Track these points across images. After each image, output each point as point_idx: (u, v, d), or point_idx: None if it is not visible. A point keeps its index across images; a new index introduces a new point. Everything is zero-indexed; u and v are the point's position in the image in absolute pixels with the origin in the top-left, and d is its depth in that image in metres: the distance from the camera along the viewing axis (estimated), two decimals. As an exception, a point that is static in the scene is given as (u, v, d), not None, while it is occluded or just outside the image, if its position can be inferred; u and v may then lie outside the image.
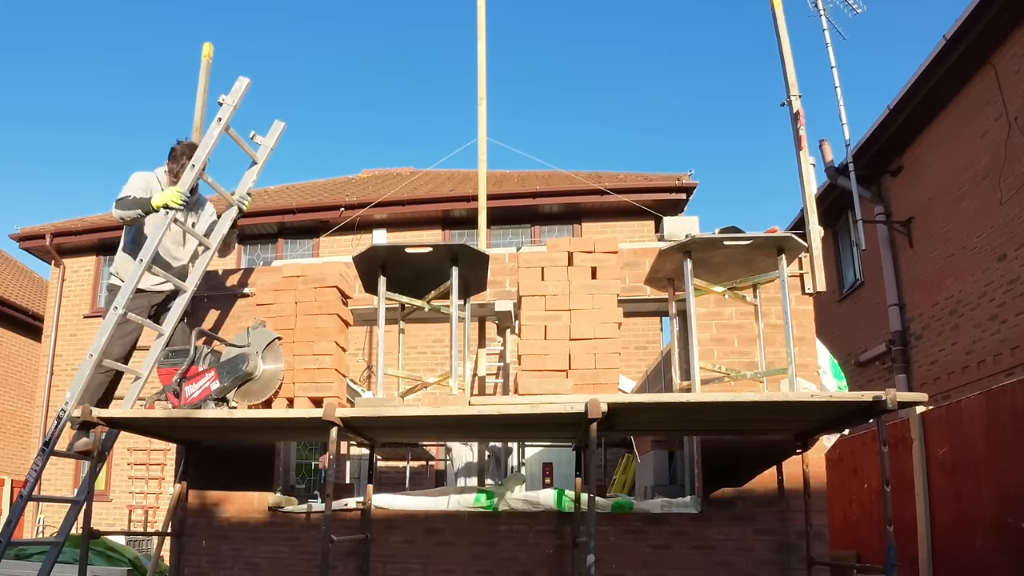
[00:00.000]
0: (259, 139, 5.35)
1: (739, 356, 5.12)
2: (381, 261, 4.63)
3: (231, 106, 4.97)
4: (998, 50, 8.56)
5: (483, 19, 6.68)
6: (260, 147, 5.36)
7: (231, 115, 4.98)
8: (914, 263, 10.68)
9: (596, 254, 4.55)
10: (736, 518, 4.88)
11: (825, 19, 11.68)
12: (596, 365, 4.35)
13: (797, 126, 5.41)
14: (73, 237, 14.18)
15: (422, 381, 5.19)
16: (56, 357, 14.05)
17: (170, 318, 5.00)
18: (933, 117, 9.99)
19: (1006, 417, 5.32)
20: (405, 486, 10.51)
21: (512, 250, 5.84)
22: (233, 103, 4.98)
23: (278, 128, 5.45)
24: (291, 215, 13.41)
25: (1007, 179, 8.50)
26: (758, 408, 4.17)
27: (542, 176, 14.25)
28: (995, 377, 8.18)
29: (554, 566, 4.98)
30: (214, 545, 5.42)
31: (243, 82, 5.05)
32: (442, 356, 12.26)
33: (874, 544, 6.91)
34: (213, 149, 4.97)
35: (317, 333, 4.81)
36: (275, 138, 5.41)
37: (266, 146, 5.38)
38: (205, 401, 4.69)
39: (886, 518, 3.86)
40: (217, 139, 4.95)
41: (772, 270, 4.42)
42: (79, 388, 4.63)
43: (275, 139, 5.41)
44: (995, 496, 5.38)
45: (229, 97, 5.00)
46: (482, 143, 6.52)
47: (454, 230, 13.42)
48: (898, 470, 6.40)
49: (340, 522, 5.11)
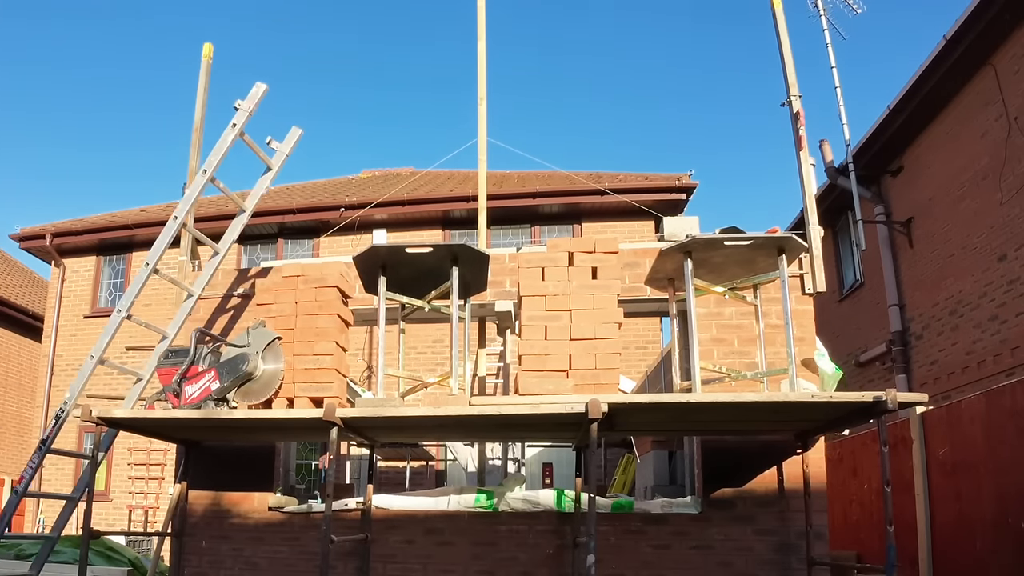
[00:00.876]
0: (275, 145, 5.24)
1: (739, 356, 5.12)
2: (381, 261, 4.63)
3: (247, 112, 4.85)
4: (998, 50, 8.56)
5: (483, 19, 6.69)
6: (276, 153, 5.28)
7: (246, 121, 4.84)
8: (914, 263, 10.68)
9: (596, 254, 4.56)
10: (736, 518, 4.88)
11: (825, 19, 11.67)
12: (596, 365, 4.35)
13: (797, 126, 5.41)
14: (73, 237, 14.18)
15: (422, 381, 5.19)
16: (56, 357, 14.05)
17: (175, 321, 5.00)
18: (933, 117, 9.99)
19: (1006, 417, 5.31)
20: (405, 486, 10.50)
21: (512, 250, 5.85)
22: (249, 109, 4.87)
23: (295, 135, 5.36)
24: (291, 215, 13.41)
25: (1007, 179, 8.50)
26: (758, 408, 4.17)
27: (542, 176, 14.25)
28: (995, 377, 8.18)
29: (554, 566, 4.98)
30: (214, 545, 5.42)
31: (260, 88, 4.91)
32: (442, 356, 12.26)
33: (874, 544, 6.91)
34: (226, 155, 4.89)
35: (317, 333, 4.81)
36: (291, 144, 5.32)
37: (282, 152, 5.28)
38: (205, 401, 4.69)
39: (886, 518, 3.86)
40: (231, 144, 4.86)
41: (772, 270, 4.42)
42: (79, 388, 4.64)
43: (291, 145, 5.32)
44: (995, 496, 5.38)
45: (245, 103, 4.87)
46: (482, 143, 6.52)
47: (454, 230, 13.42)
48: (898, 470, 6.40)
49: (340, 522, 5.11)
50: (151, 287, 12.49)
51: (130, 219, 14.03)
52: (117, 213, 15.08)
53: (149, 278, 4.77)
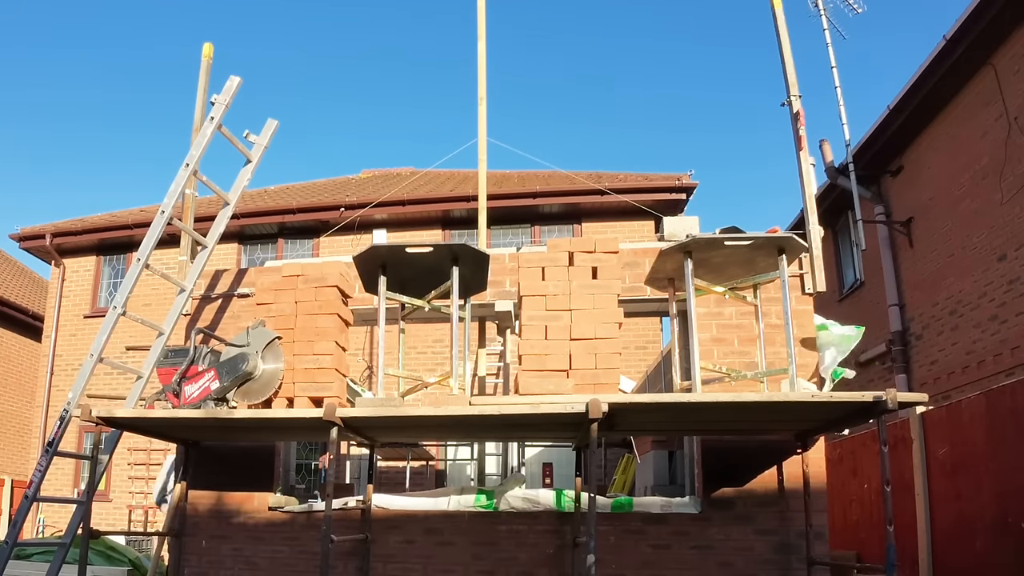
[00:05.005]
0: (253, 138, 5.36)
1: (739, 356, 5.12)
2: (381, 261, 4.63)
3: (223, 105, 5.00)
4: (998, 50, 8.55)
5: (483, 19, 6.69)
6: (254, 146, 5.37)
7: (223, 114, 5.00)
8: (914, 263, 10.68)
9: (597, 254, 4.55)
10: (736, 518, 4.88)
11: (825, 19, 11.67)
12: (597, 365, 4.35)
13: (797, 126, 5.41)
14: (73, 237, 14.18)
15: (422, 381, 5.19)
16: (56, 357, 14.04)
17: (170, 316, 5.01)
18: (933, 117, 9.99)
19: (1006, 417, 5.31)
20: (405, 486, 10.50)
21: (512, 250, 5.85)
22: (225, 102, 5.01)
23: (271, 126, 5.47)
24: (291, 215, 13.41)
25: (1007, 179, 8.50)
26: (758, 408, 4.17)
27: (542, 176, 14.25)
28: (995, 377, 8.18)
29: (554, 566, 4.98)
30: (214, 545, 5.42)
31: (234, 81, 5.08)
32: (442, 356, 12.25)
33: (874, 544, 6.90)
34: (206, 148, 4.99)
35: (317, 333, 4.80)
36: (268, 136, 5.42)
37: (260, 144, 5.39)
38: (205, 401, 4.69)
39: (886, 518, 3.86)
40: (210, 138, 4.97)
41: (772, 270, 4.42)
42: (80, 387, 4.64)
43: (269, 137, 5.42)
44: (995, 496, 5.38)
45: (221, 96, 5.03)
46: (482, 143, 6.52)
47: (454, 230, 13.42)
48: (898, 470, 6.40)
49: (340, 522, 5.10)
50: (151, 287, 12.58)
51: (130, 219, 14.03)
52: (117, 213, 15.08)
53: (141, 273, 4.78)
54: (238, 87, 5.05)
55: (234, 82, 5.06)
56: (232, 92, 5.03)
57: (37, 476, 4.69)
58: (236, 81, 5.07)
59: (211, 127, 4.94)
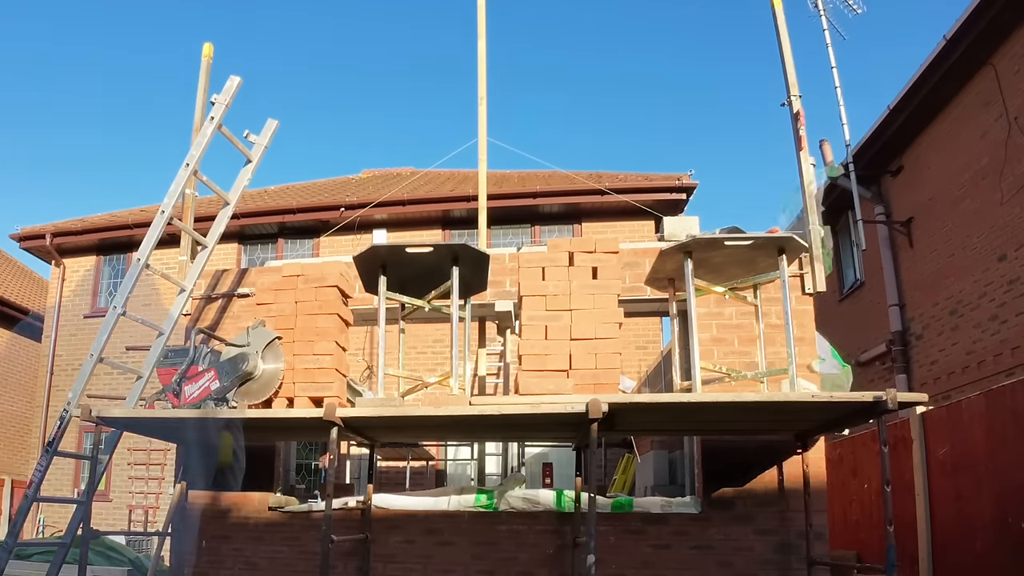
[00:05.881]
0: (253, 138, 5.36)
1: (739, 356, 5.12)
2: (381, 261, 4.63)
3: (223, 105, 5.00)
4: (998, 50, 8.55)
5: (483, 19, 6.69)
6: (254, 146, 5.37)
7: (223, 114, 5.00)
8: (914, 263, 10.68)
9: (597, 254, 4.55)
10: (736, 518, 4.88)
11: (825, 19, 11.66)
12: (597, 365, 4.35)
13: (797, 126, 5.41)
14: (73, 237, 14.18)
15: (422, 381, 5.19)
16: (56, 357, 14.05)
17: (170, 316, 5.01)
18: (933, 117, 9.99)
19: (1006, 417, 5.31)
20: (405, 486, 10.50)
21: (512, 250, 5.85)
22: (225, 102, 5.01)
23: (272, 126, 5.47)
24: (291, 215, 13.41)
25: (1007, 179, 8.50)
26: (758, 408, 4.17)
27: (542, 176, 14.25)
28: (995, 377, 8.17)
29: (554, 566, 4.98)
30: (214, 545, 5.42)
31: (234, 81, 5.08)
32: (442, 356, 12.25)
33: (874, 544, 6.90)
34: (207, 148, 4.99)
35: (317, 333, 4.80)
36: (269, 136, 5.42)
37: (260, 144, 5.39)
38: (205, 401, 4.69)
39: (886, 518, 3.86)
40: (210, 138, 4.97)
41: (772, 270, 4.42)
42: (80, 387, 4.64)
43: (269, 137, 5.42)
44: (995, 496, 5.38)
45: (221, 96, 5.03)
46: (482, 143, 6.52)
47: (454, 230, 13.42)
48: (898, 470, 6.39)
49: (340, 522, 5.10)
50: (151, 288, 12.56)
51: (130, 219, 14.02)
52: (117, 213, 15.08)
53: (141, 273, 4.79)
54: (238, 87, 5.05)
55: (234, 82, 5.07)
56: (232, 92, 5.03)
57: (37, 476, 4.69)
58: (236, 81, 5.07)
59: (211, 127, 4.94)
